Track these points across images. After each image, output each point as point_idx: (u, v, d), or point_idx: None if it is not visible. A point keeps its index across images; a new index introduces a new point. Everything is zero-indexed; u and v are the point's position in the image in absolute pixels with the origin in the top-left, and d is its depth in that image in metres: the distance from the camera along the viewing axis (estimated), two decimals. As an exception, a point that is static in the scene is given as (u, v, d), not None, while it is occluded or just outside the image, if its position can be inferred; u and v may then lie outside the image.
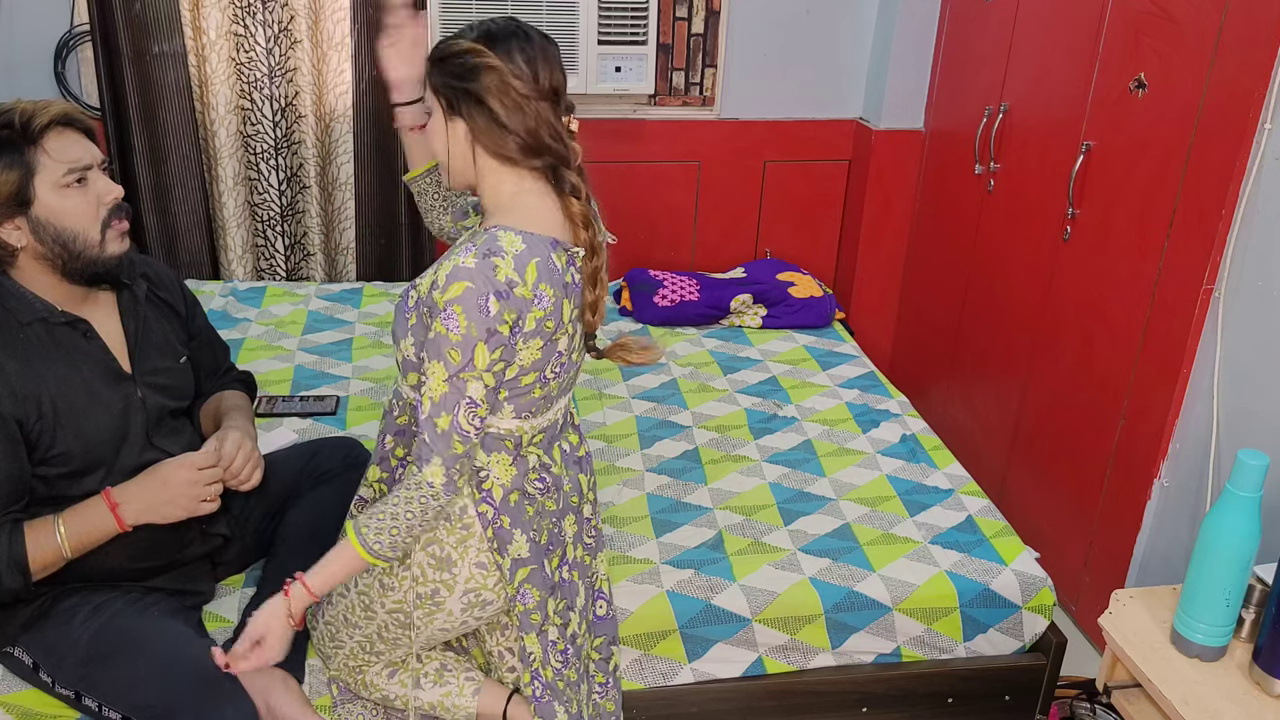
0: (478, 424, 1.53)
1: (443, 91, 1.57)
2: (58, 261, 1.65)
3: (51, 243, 1.63)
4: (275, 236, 3.29)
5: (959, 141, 3.10)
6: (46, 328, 1.67)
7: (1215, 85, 2.06)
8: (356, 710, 1.84)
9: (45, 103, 1.63)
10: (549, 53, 1.57)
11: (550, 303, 1.53)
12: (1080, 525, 2.53)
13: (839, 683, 2.09)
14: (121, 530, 1.66)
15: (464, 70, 1.54)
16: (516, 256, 1.50)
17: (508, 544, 1.65)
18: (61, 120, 1.62)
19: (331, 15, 3.07)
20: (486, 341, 1.48)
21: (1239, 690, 1.67)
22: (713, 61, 3.37)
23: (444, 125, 1.58)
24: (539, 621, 1.72)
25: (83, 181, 1.64)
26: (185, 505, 1.68)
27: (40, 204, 1.61)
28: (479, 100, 1.54)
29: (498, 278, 1.48)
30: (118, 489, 1.68)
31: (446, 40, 1.58)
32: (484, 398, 1.52)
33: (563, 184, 1.60)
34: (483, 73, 1.53)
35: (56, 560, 1.65)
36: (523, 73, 1.53)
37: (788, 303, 3.20)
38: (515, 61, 1.53)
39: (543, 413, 1.65)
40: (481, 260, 1.49)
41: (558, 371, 1.62)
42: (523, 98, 1.54)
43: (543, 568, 1.70)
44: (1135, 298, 2.31)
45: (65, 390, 1.66)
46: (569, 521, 1.77)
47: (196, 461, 1.70)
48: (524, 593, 1.69)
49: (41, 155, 1.60)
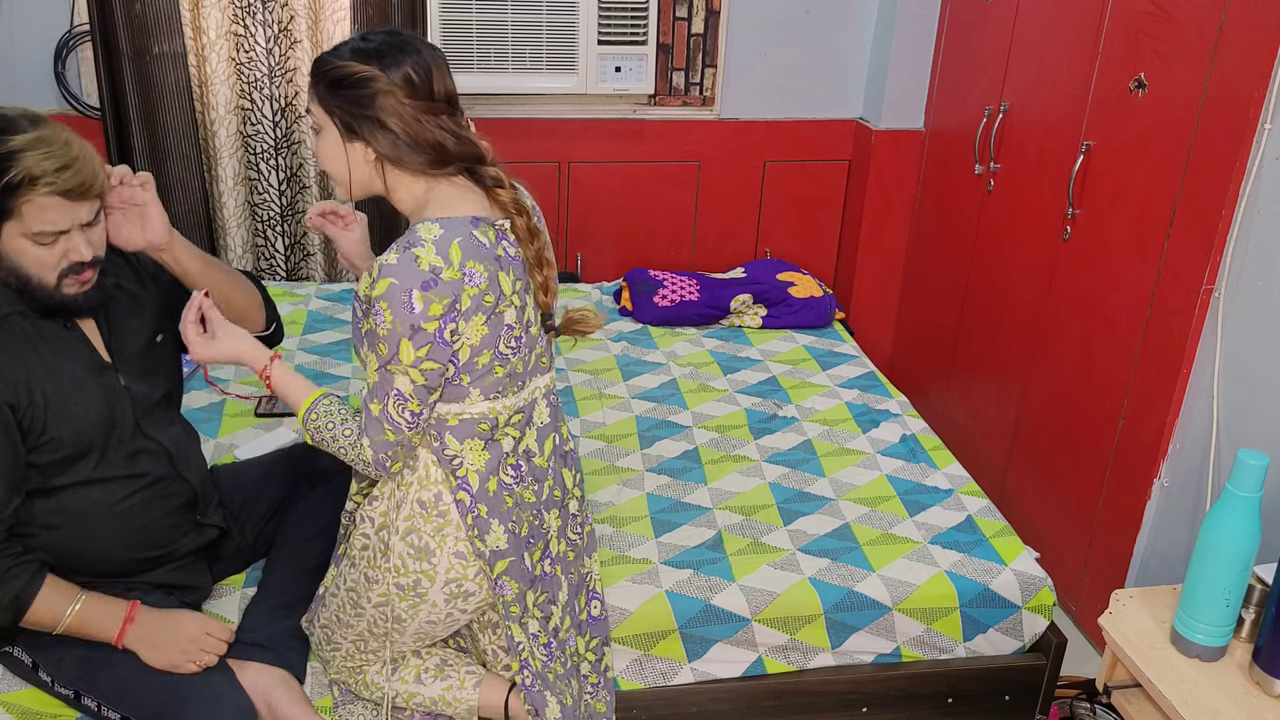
0: (408, 417, 1.56)
1: (338, 116, 1.58)
2: (13, 286, 1.63)
3: (6, 272, 1.61)
4: (275, 236, 3.29)
5: (959, 141, 3.10)
6: (28, 319, 1.66)
7: (1215, 85, 2.06)
8: (358, 711, 1.85)
9: (53, 163, 1.53)
10: (437, 60, 1.59)
11: (483, 278, 1.55)
12: (1080, 525, 2.53)
13: (839, 683, 2.09)
14: (117, 644, 1.69)
15: (361, 98, 1.55)
16: (436, 242, 1.53)
17: (485, 533, 1.66)
18: (58, 193, 1.54)
19: (331, 15, 3.07)
20: (411, 338, 1.51)
21: (1239, 690, 1.67)
22: (713, 61, 3.37)
23: (341, 146, 1.59)
24: (518, 614, 1.73)
25: (54, 240, 1.59)
26: (181, 654, 1.71)
27: (4, 241, 1.57)
28: (380, 124, 1.55)
29: (420, 268, 1.50)
30: (143, 609, 1.72)
31: (333, 59, 1.57)
32: (412, 393, 1.55)
33: (484, 180, 1.63)
34: (378, 98, 1.54)
35: (50, 625, 1.66)
36: (419, 88, 1.55)
37: (788, 303, 3.20)
38: (409, 78, 1.55)
39: (513, 392, 1.66)
40: (403, 254, 1.51)
41: (514, 347, 1.62)
42: (422, 114, 1.56)
43: (522, 560, 1.71)
44: (1135, 298, 2.31)
45: (52, 378, 1.66)
46: (553, 515, 1.78)
47: (213, 627, 1.76)
48: (502, 584, 1.69)
49: (19, 211, 1.54)
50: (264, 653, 1.82)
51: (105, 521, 1.74)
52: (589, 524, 1.94)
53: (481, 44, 3.14)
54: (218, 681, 1.71)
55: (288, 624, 1.87)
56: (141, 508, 1.77)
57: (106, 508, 1.73)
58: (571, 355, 2.95)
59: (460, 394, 1.61)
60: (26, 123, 1.56)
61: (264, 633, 1.85)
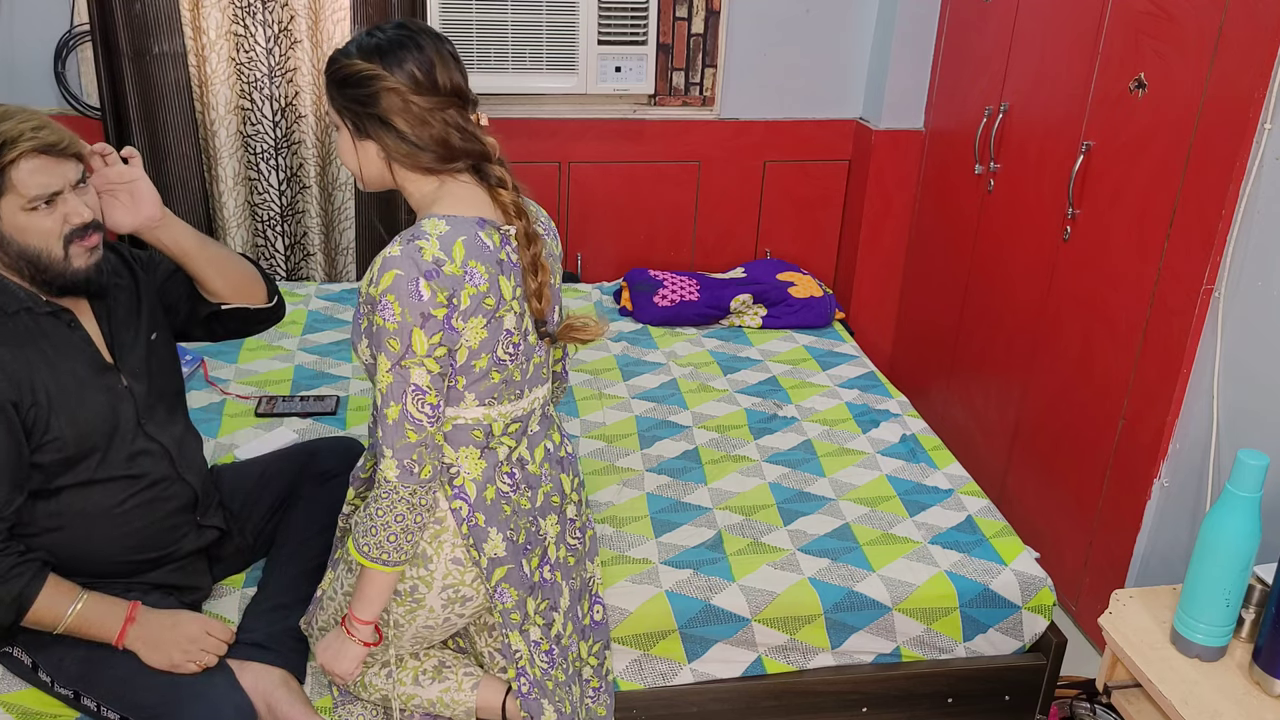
0: (429, 411, 1.54)
1: (348, 115, 1.58)
2: (25, 272, 1.65)
3: (15, 257, 1.62)
4: (275, 236, 3.29)
5: (959, 141, 3.10)
6: (32, 317, 1.67)
7: (1215, 85, 2.06)
8: (357, 711, 1.85)
9: (27, 124, 1.58)
10: (443, 53, 1.58)
11: (484, 279, 1.54)
12: (1080, 525, 2.53)
13: (839, 683, 2.09)
14: (117, 644, 1.69)
15: (365, 96, 1.55)
16: (441, 237, 1.53)
17: (483, 542, 1.66)
18: (39, 149, 1.58)
19: (331, 15, 3.07)
20: (422, 326, 1.50)
21: (1239, 690, 1.67)
22: (713, 61, 3.37)
23: (353, 144, 1.60)
24: (519, 621, 1.72)
25: (51, 204, 1.61)
26: (182, 654, 1.71)
27: (5, 222, 1.59)
28: (385, 122, 1.55)
29: (424, 258, 1.50)
30: (144, 609, 1.72)
31: (340, 58, 1.58)
32: (429, 384, 1.53)
33: (488, 178, 1.62)
34: (383, 96, 1.54)
35: (51, 624, 1.66)
36: (423, 84, 1.54)
37: (788, 303, 3.20)
38: (413, 74, 1.54)
39: (510, 400, 1.65)
40: (406, 245, 1.51)
41: (512, 353, 1.61)
42: (427, 110, 1.55)
43: (520, 567, 1.71)
44: (1135, 298, 2.31)
45: (56, 376, 1.66)
46: (550, 521, 1.77)
47: (214, 627, 1.76)
48: (501, 592, 1.69)
49: (9, 181, 1.57)
50: (264, 653, 1.81)
51: (105, 522, 1.74)
52: (590, 528, 1.93)
53: (481, 44, 3.14)
54: (218, 682, 1.71)
55: (288, 624, 1.87)
56: (142, 509, 1.77)
57: (107, 509, 1.73)
58: (572, 355, 2.95)
59: (455, 398, 1.60)
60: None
61: (264, 633, 1.84)
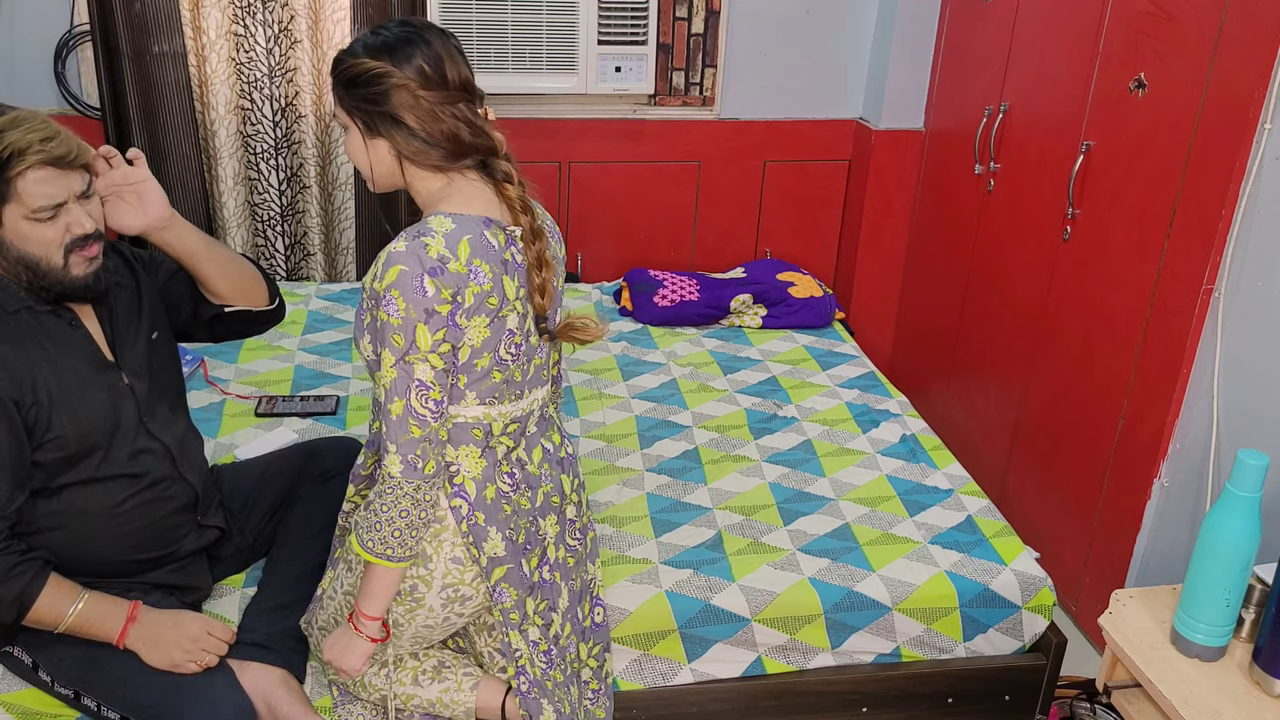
0: (433, 406, 1.54)
1: (358, 115, 1.58)
2: (23, 278, 1.64)
3: (14, 262, 1.62)
4: (275, 236, 3.29)
5: (959, 141, 3.10)
6: (33, 315, 1.67)
7: (1215, 85, 2.06)
8: (357, 711, 1.84)
9: (37, 135, 1.56)
10: (450, 48, 1.58)
11: (488, 279, 1.54)
12: (1080, 525, 2.53)
13: (839, 683, 2.09)
14: (118, 644, 1.69)
15: (374, 94, 1.55)
16: (446, 235, 1.53)
17: (483, 541, 1.66)
18: (47, 162, 1.56)
19: (331, 15, 3.07)
20: (426, 322, 1.50)
21: (1239, 690, 1.67)
22: (713, 61, 3.37)
23: (363, 144, 1.60)
24: (518, 620, 1.72)
25: (55, 215, 1.60)
26: (182, 654, 1.71)
27: (6, 229, 1.59)
28: (396, 119, 1.55)
29: (429, 255, 1.50)
30: (145, 609, 1.72)
31: (347, 57, 1.58)
32: (433, 380, 1.53)
33: (495, 173, 1.62)
34: (393, 93, 1.54)
35: (52, 624, 1.66)
36: (432, 79, 1.54)
37: (788, 303, 3.20)
38: (422, 69, 1.54)
39: (510, 400, 1.65)
40: (412, 242, 1.51)
41: (514, 353, 1.61)
42: (437, 105, 1.55)
43: (520, 567, 1.71)
44: (1135, 298, 2.31)
45: (58, 374, 1.66)
46: (549, 522, 1.77)
47: (214, 627, 1.76)
48: (501, 592, 1.69)
49: (14, 190, 1.56)
50: (264, 653, 1.81)
51: (106, 521, 1.74)
52: (591, 530, 1.93)
53: (481, 44, 3.14)
54: (218, 682, 1.71)
55: (288, 624, 1.87)
56: (143, 508, 1.77)
57: (108, 508, 1.73)
58: (571, 355, 2.95)
59: (455, 396, 1.60)
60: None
61: (264, 633, 1.84)
